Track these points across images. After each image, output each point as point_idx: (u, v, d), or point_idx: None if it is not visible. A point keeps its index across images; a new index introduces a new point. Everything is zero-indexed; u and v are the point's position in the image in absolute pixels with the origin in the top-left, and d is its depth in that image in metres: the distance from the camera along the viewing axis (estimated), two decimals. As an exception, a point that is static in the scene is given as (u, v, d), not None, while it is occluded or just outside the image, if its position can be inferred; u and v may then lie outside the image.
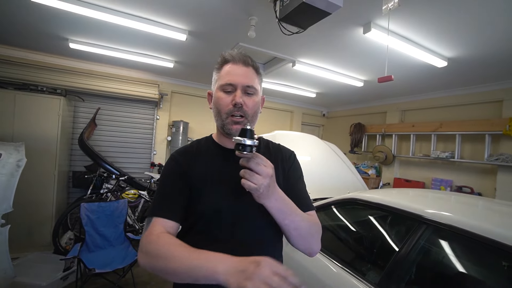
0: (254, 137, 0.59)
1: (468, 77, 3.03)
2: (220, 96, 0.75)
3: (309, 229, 0.72)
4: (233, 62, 0.77)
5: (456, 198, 1.58)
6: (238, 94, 0.73)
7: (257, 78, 0.79)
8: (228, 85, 0.74)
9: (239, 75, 0.75)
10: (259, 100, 0.80)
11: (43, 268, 2.38)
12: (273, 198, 0.64)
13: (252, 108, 0.76)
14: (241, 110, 0.73)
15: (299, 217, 0.70)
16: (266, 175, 0.59)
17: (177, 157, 0.80)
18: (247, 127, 0.60)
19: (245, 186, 0.59)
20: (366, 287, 1.18)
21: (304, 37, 2.29)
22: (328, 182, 2.64)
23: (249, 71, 0.77)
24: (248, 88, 0.75)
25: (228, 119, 0.74)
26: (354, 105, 5.33)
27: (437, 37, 2.12)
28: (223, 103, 0.74)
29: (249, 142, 0.58)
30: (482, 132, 3.15)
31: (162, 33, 2.34)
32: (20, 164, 2.08)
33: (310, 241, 0.73)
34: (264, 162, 0.61)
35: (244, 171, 0.59)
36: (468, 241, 1.04)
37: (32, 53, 3.32)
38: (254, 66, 0.79)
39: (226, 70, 0.76)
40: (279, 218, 0.67)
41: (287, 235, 0.72)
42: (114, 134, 3.96)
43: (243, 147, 0.58)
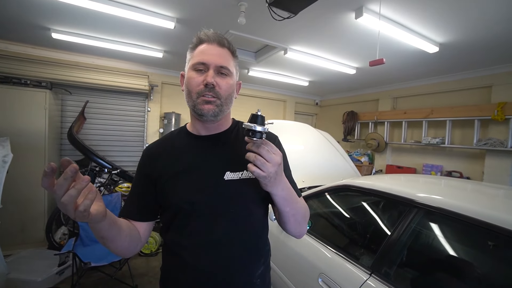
0: (264, 123, 0.59)
1: (458, 62, 3.04)
2: (191, 76, 0.70)
3: (303, 215, 0.74)
4: (208, 42, 0.72)
5: (446, 182, 1.62)
6: (210, 74, 0.68)
7: (232, 60, 0.75)
8: (200, 64, 0.69)
9: (213, 55, 0.70)
10: (234, 83, 0.75)
11: (38, 264, 2.36)
12: (280, 187, 0.64)
13: (226, 90, 0.71)
14: (213, 91, 0.69)
15: (298, 204, 0.72)
16: (275, 163, 0.58)
17: (145, 154, 0.80)
18: (258, 113, 0.59)
19: (254, 173, 0.58)
20: (360, 271, 1.20)
21: (295, 23, 2.24)
22: (321, 170, 2.67)
23: (224, 52, 0.72)
24: (222, 69, 0.70)
25: (199, 99, 0.69)
26: (347, 93, 5.34)
27: (429, 21, 2.11)
28: (194, 82, 0.69)
29: (260, 128, 0.57)
30: (472, 117, 3.21)
31: (149, 21, 2.25)
32: (6, 160, 2.02)
33: (303, 226, 0.76)
34: (274, 150, 0.59)
35: (255, 156, 0.57)
36: (458, 223, 1.07)
37: (13, 44, 3.17)
38: (230, 48, 0.74)
39: (199, 50, 0.72)
40: (282, 205, 0.68)
41: (285, 220, 0.72)
42: (105, 128, 3.87)
43: (253, 133, 0.57)
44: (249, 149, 0.59)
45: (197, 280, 0.70)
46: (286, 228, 0.75)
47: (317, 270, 1.39)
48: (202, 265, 0.70)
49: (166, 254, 0.79)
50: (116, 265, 2.26)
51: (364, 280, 1.15)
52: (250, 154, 0.58)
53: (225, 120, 0.80)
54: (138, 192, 0.78)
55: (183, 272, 0.71)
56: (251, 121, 0.58)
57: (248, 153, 0.59)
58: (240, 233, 0.73)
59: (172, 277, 0.76)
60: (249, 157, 0.58)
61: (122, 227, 0.65)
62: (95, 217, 0.51)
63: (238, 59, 0.79)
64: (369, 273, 1.17)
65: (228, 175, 0.72)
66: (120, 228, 0.64)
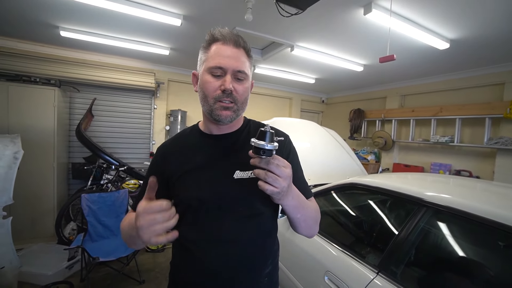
0: (274, 140, 0.56)
1: (470, 59, 2.97)
2: (208, 80, 0.69)
3: (314, 218, 0.74)
4: (223, 41, 0.69)
5: (454, 181, 1.59)
6: (228, 80, 0.67)
7: (248, 61, 0.73)
8: (217, 69, 0.68)
9: (230, 58, 0.68)
10: (249, 86, 0.75)
11: (48, 258, 2.42)
12: (291, 197, 0.63)
13: (242, 94, 0.71)
14: (231, 97, 0.69)
15: (309, 209, 0.71)
16: (286, 176, 0.56)
17: (158, 153, 0.82)
18: (267, 130, 0.55)
19: (267, 191, 0.56)
20: (367, 269, 1.19)
21: (302, 20, 2.22)
22: (327, 168, 2.65)
23: (240, 53, 0.70)
24: (239, 74, 0.69)
25: (217, 104, 0.69)
26: (354, 91, 5.27)
27: (440, 17, 2.06)
28: (211, 87, 0.68)
29: (270, 146, 0.54)
30: (483, 115, 3.13)
31: (156, 18, 2.26)
32: (17, 156, 2.06)
33: (315, 228, 0.76)
34: (283, 163, 0.57)
35: (266, 173, 0.55)
36: (467, 222, 1.05)
37: (22, 42, 3.22)
38: (245, 48, 0.72)
39: (215, 50, 0.69)
40: (293, 213, 0.67)
41: (296, 225, 0.72)
42: (112, 125, 3.92)
43: (264, 152, 0.54)
44: (256, 165, 0.56)
45: (204, 275, 0.71)
46: (297, 231, 0.76)
47: (323, 268, 1.38)
48: (209, 261, 0.70)
49: (176, 249, 0.80)
50: (124, 261, 2.30)
51: (371, 278, 1.14)
52: (260, 171, 0.56)
53: (237, 121, 0.80)
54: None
55: (191, 267, 0.72)
56: (259, 138, 0.55)
57: (257, 170, 0.57)
58: (248, 232, 0.72)
59: (180, 271, 0.77)
60: (259, 175, 0.56)
61: None
62: None
63: (252, 58, 0.77)
64: (376, 271, 1.16)
65: (237, 174, 0.72)
66: None
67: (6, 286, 1.98)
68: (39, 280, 2.18)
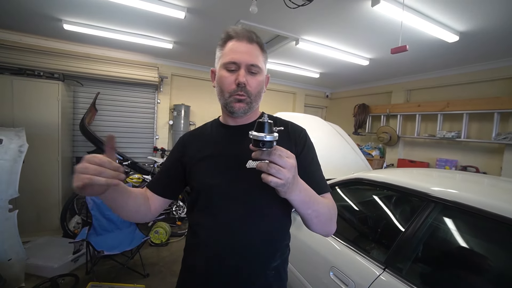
0: (273, 130, 0.53)
1: (479, 53, 2.90)
2: (223, 75, 0.73)
3: (329, 215, 0.70)
4: (237, 38, 0.73)
5: (461, 176, 1.56)
6: (241, 74, 0.71)
7: (261, 56, 0.76)
8: (231, 64, 0.71)
9: (243, 53, 0.71)
10: (263, 79, 0.77)
11: (54, 251, 2.44)
12: (297, 190, 0.59)
13: (256, 87, 0.74)
14: (244, 90, 0.72)
15: (321, 204, 0.68)
16: (290, 167, 0.53)
17: (179, 141, 0.87)
18: (265, 120, 0.53)
19: (271, 183, 0.53)
20: (373, 265, 1.18)
21: (308, 12, 2.17)
22: (332, 163, 2.62)
23: (253, 48, 0.73)
24: (252, 67, 0.72)
25: (231, 97, 0.73)
26: (359, 86, 5.21)
27: (450, 8, 2.00)
28: (226, 82, 0.72)
29: (269, 137, 0.51)
30: (491, 110, 3.07)
31: (159, 10, 2.23)
32: (22, 149, 2.07)
33: (329, 225, 0.72)
34: (286, 153, 0.54)
35: (268, 165, 0.53)
36: (475, 218, 1.03)
37: (26, 36, 3.21)
38: (259, 43, 0.75)
39: (229, 47, 0.73)
40: (302, 209, 0.64)
41: (308, 223, 0.69)
42: (116, 119, 3.92)
43: (263, 144, 0.52)
44: (258, 157, 0.54)
45: (211, 261, 0.72)
46: (311, 229, 0.72)
47: (328, 263, 1.37)
48: (218, 248, 0.72)
49: (188, 234, 0.83)
50: (128, 254, 2.32)
51: (378, 275, 1.13)
52: (262, 163, 0.54)
53: (253, 113, 0.82)
54: (165, 170, 0.86)
55: (200, 252, 0.75)
56: (258, 130, 0.52)
57: (259, 163, 0.54)
58: (257, 222, 0.72)
59: (190, 255, 0.79)
60: (261, 168, 0.54)
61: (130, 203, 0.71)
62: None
63: (266, 53, 0.80)
64: (383, 267, 1.14)
65: (250, 163, 0.72)
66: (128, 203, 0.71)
67: (13, 277, 2.01)
68: (45, 272, 2.20)
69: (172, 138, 4.36)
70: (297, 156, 0.76)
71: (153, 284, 2.26)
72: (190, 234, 0.82)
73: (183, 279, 0.81)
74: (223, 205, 0.73)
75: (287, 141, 0.78)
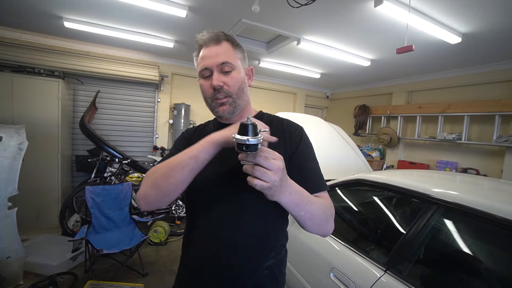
0: (257, 132, 0.50)
1: (481, 54, 2.90)
2: (201, 83, 0.75)
3: (324, 215, 0.68)
4: (205, 45, 0.74)
5: (461, 178, 1.56)
6: (214, 77, 0.71)
7: (233, 51, 0.74)
8: (204, 70, 0.73)
9: (212, 57, 0.72)
10: (242, 75, 0.75)
11: (53, 249, 2.43)
12: (287, 192, 0.57)
13: (234, 85, 0.73)
14: (223, 91, 0.72)
15: (314, 205, 0.65)
16: (277, 169, 0.51)
17: (183, 135, 0.89)
18: (248, 122, 0.49)
19: (256, 186, 0.51)
20: (374, 267, 1.17)
21: (310, 11, 2.17)
22: (332, 164, 2.61)
23: (221, 47, 0.73)
24: (224, 66, 0.71)
25: (213, 102, 0.74)
26: (359, 86, 5.20)
27: (453, 10, 1.99)
28: (205, 89, 0.74)
29: (253, 140, 0.48)
30: (492, 113, 3.07)
31: (161, 9, 2.22)
32: (21, 147, 2.06)
33: (325, 225, 0.70)
34: (272, 155, 0.52)
35: (253, 167, 0.51)
36: (477, 220, 1.03)
37: (26, 33, 3.20)
38: (228, 40, 0.75)
39: (200, 56, 0.75)
40: (294, 211, 0.62)
41: (302, 224, 0.68)
42: (116, 118, 3.91)
43: (247, 147, 0.48)
44: (243, 159, 0.51)
45: (205, 259, 0.73)
46: (305, 229, 0.70)
47: (328, 264, 1.36)
48: (211, 246, 0.72)
49: (185, 232, 0.83)
50: (127, 253, 2.31)
51: (379, 276, 1.12)
52: (247, 166, 0.52)
53: (246, 111, 0.81)
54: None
55: (195, 250, 0.75)
56: (241, 133, 0.49)
57: (244, 166, 0.52)
58: (250, 221, 0.72)
59: (186, 254, 0.80)
60: (246, 170, 0.52)
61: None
62: None
63: (241, 47, 0.79)
64: (384, 269, 1.13)
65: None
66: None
67: (12, 275, 2.00)
68: (44, 271, 2.19)
69: (172, 137, 4.35)
70: (293, 153, 0.75)
71: (152, 283, 2.25)
72: (187, 232, 0.82)
73: (180, 275, 0.82)
74: (218, 204, 0.73)
75: (282, 139, 0.76)
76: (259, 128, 0.53)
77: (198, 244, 0.75)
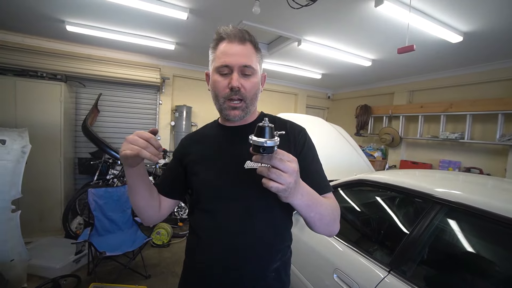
0: (274, 135, 0.51)
1: (483, 53, 2.88)
2: (217, 79, 0.71)
3: (332, 216, 0.69)
4: (229, 40, 0.70)
5: (464, 178, 1.54)
6: (234, 77, 0.68)
7: (255, 55, 0.73)
8: (223, 67, 0.69)
9: (235, 55, 0.69)
10: (259, 80, 0.75)
11: (56, 252, 2.44)
12: (299, 194, 0.58)
13: (251, 90, 0.71)
14: (239, 94, 0.69)
15: (323, 206, 0.66)
16: (292, 171, 0.51)
17: (181, 142, 0.88)
18: (265, 125, 0.50)
19: (272, 189, 0.51)
20: (378, 268, 1.17)
21: (311, 12, 2.17)
22: (334, 165, 2.61)
23: (246, 48, 0.71)
24: (246, 69, 0.70)
25: (226, 103, 0.71)
26: (361, 87, 5.19)
27: (454, 9, 1.99)
28: (220, 86, 0.70)
29: (271, 143, 0.49)
30: (495, 111, 3.05)
31: (161, 11, 2.23)
32: (25, 150, 2.07)
33: (333, 226, 0.70)
34: (287, 157, 0.53)
35: (268, 169, 0.51)
36: (481, 220, 1.02)
37: (29, 37, 3.22)
38: (252, 42, 0.73)
39: (221, 50, 0.71)
40: (306, 212, 0.63)
41: (311, 225, 0.68)
42: (118, 120, 3.93)
43: (264, 149, 0.49)
44: (259, 161, 0.52)
45: (210, 262, 0.72)
46: (314, 230, 0.71)
47: (332, 265, 1.36)
48: (217, 249, 0.71)
49: (189, 235, 0.83)
50: (130, 255, 2.31)
51: (382, 277, 1.12)
52: (263, 168, 0.52)
53: (251, 114, 0.80)
54: (168, 172, 0.86)
55: (201, 253, 0.74)
56: (258, 135, 0.50)
57: (259, 168, 0.53)
58: (256, 223, 0.71)
59: (191, 257, 0.79)
60: (261, 172, 0.52)
61: (145, 188, 0.72)
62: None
63: (261, 51, 0.78)
64: (388, 270, 1.13)
65: (248, 164, 0.72)
66: (144, 188, 0.72)
67: (15, 278, 2.01)
68: (47, 273, 2.20)
69: (174, 139, 4.36)
70: (297, 156, 0.74)
71: (154, 285, 2.25)
72: (190, 236, 0.82)
73: (185, 280, 0.81)
74: (222, 206, 0.72)
75: (286, 141, 0.76)
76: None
77: (204, 249, 0.73)
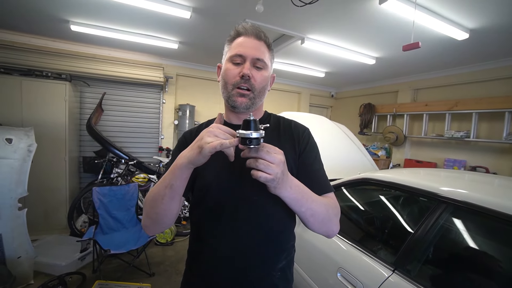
0: (259, 128, 0.55)
1: (489, 50, 2.84)
2: (229, 67, 0.73)
3: (326, 214, 0.68)
4: (246, 35, 0.74)
5: (471, 177, 1.53)
6: (246, 66, 0.70)
7: (268, 53, 0.76)
8: (237, 56, 0.71)
9: (250, 47, 0.72)
10: (269, 76, 0.77)
11: (61, 249, 2.47)
12: (288, 186, 0.60)
13: (260, 82, 0.73)
14: (248, 83, 0.71)
15: (316, 202, 0.66)
16: (279, 162, 0.55)
17: (184, 136, 0.84)
18: (250, 118, 0.54)
19: (260, 178, 0.54)
20: (382, 267, 1.16)
21: (314, 11, 2.16)
22: (338, 164, 2.59)
23: (260, 44, 0.74)
24: (258, 61, 0.72)
25: (234, 90, 0.72)
26: (364, 85, 5.15)
27: (460, 5, 1.96)
28: (231, 74, 0.72)
29: (256, 134, 0.53)
30: (502, 109, 3.00)
31: (165, 10, 2.23)
32: (31, 149, 2.10)
33: (328, 225, 0.70)
34: (274, 150, 0.56)
35: (257, 161, 0.54)
36: (487, 218, 1.01)
37: (35, 37, 3.26)
38: (266, 42, 0.76)
39: (237, 42, 0.74)
40: (296, 206, 0.64)
41: (304, 221, 0.68)
42: (121, 119, 3.95)
43: (250, 141, 0.53)
44: (247, 155, 0.55)
45: (217, 263, 0.72)
46: (309, 228, 0.71)
47: (335, 264, 1.36)
48: (222, 249, 0.71)
49: (192, 237, 0.81)
50: (134, 253, 2.33)
51: (387, 276, 1.11)
52: (251, 160, 0.55)
53: (257, 111, 0.81)
54: None
55: (206, 255, 0.74)
56: (244, 128, 0.54)
57: (248, 160, 0.56)
58: (262, 223, 0.71)
59: (196, 259, 0.78)
60: (250, 164, 0.55)
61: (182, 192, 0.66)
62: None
63: (273, 53, 0.80)
64: (392, 269, 1.12)
65: None
66: (182, 192, 0.65)
67: (23, 275, 2.04)
68: (53, 270, 2.23)
69: (177, 138, 4.38)
70: (300, 155, 0.77)
71: (158, 283, 2.27)
72: (193, 237, 0.80)
73: (188, 281, 0.80)
74: (228, 207, 0.71)
75: (291, 140, 0.78)
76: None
77: (210, 249, 0.73)
